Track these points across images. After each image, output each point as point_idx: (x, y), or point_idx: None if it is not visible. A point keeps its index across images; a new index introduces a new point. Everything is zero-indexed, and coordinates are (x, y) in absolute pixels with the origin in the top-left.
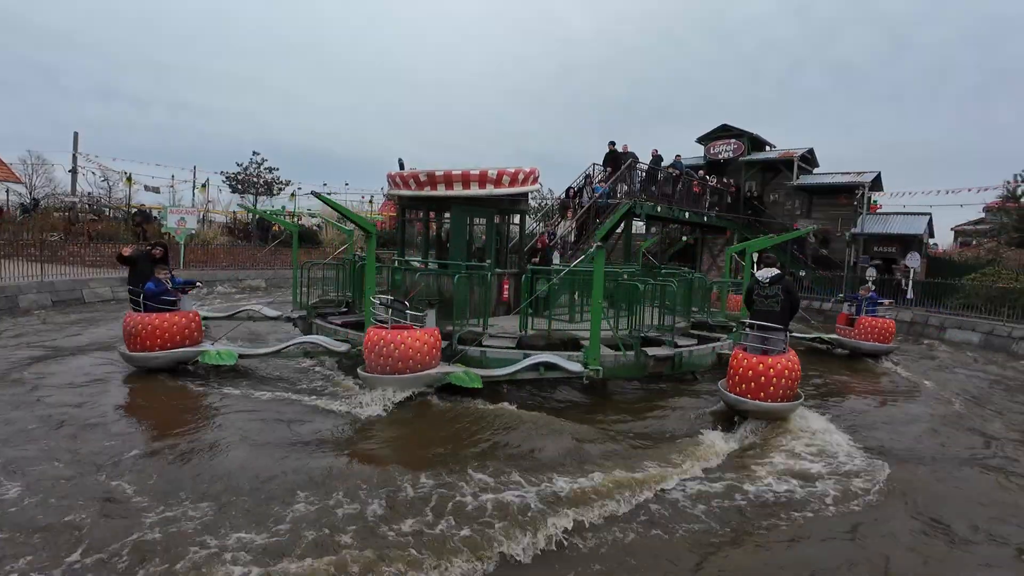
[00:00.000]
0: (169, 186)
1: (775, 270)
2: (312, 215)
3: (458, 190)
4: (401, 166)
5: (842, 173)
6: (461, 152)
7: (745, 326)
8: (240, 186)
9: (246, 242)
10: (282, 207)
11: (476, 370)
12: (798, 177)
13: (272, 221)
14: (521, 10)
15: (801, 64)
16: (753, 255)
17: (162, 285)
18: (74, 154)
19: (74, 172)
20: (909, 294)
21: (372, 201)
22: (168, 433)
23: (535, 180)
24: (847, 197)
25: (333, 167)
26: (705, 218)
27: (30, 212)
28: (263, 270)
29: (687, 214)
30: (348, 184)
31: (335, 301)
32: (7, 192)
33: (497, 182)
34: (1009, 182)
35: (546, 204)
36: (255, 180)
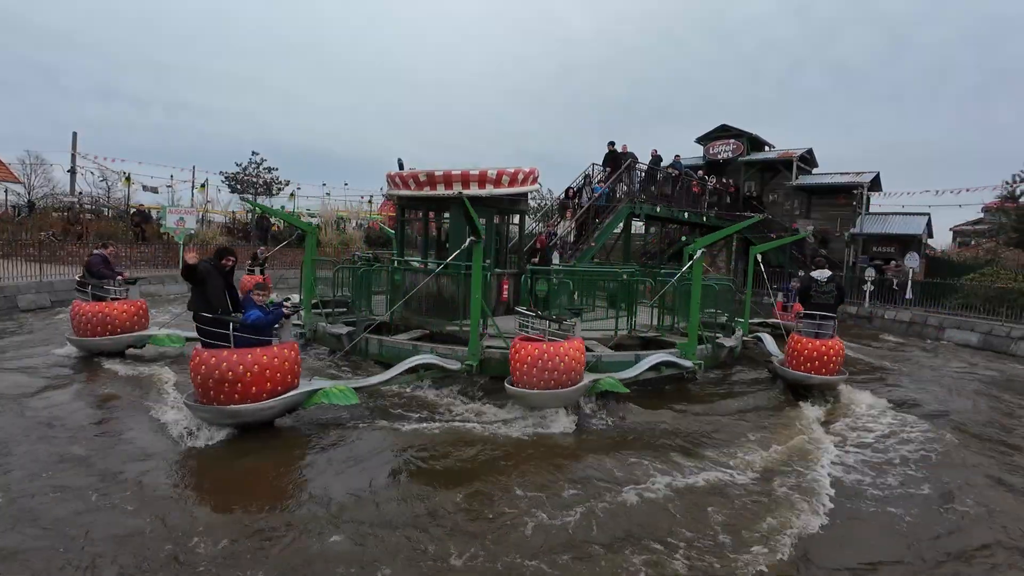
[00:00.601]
0: (168, 186)
1: (828, 271)
2: (311, 215)
3: (457, 190)
4: (400, 166)
5: (841, 173)
6: (461, 152)
7: (803, 317)
8: (239, 186)
9: (245, 242)
10: (281, 207)
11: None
12: (797, 177)
13: (283, 220)
14: (521, 10)
15: (801, 64)
16: (756, 256)
17: (271, 311)
18: (73, 154)
19: (73, 172)
20: (908, 294)
21: (371, 201)
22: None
23: (534, 180)
24: (846, 197)
25: (333, 167)
26: (704, 218)
27: (27, 214)
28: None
29: (686, 214)
30: (347, 184)
31: (334, 301)
32: (5, 192)
33: (496, 182)
34: (1008, 182)
35: (546, 204)
36: (254, 180)
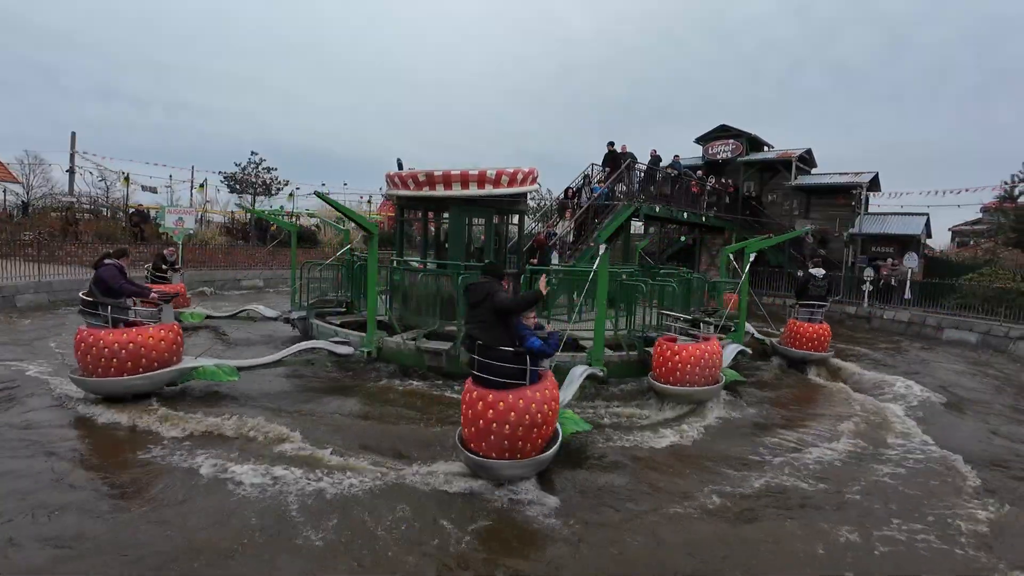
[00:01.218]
0: (167, 186)
1: (824, 270)
2: (311, 215)
3: (457, 190)
4: (400, 166)
5: (840, 173)
6: (461, 152)
7: (802, 305)
8: (238, 186)
9: (244, 242)
10: (280, 207)
11: None
12: (796, 177)
13: (270, 221)
14: (521, 10)
15: (801, 64)
16: (751, 255)
17: (553, 339)
18: (72, 154)
19: (71, 172)
20: (907, 294)
21: (371, 201)
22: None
23: (534, 180)
24: (845, 197)
25: (333, 167)
26: (703, 218)
27: (22, 215)
28: (261, 270)
29: (685, 214)
30: (347, 184)
31: (334, 301)
32: (4, 192)
33: (496, 182)
34: (1006, 182)
35: (545, 204)
36: (253, 180)
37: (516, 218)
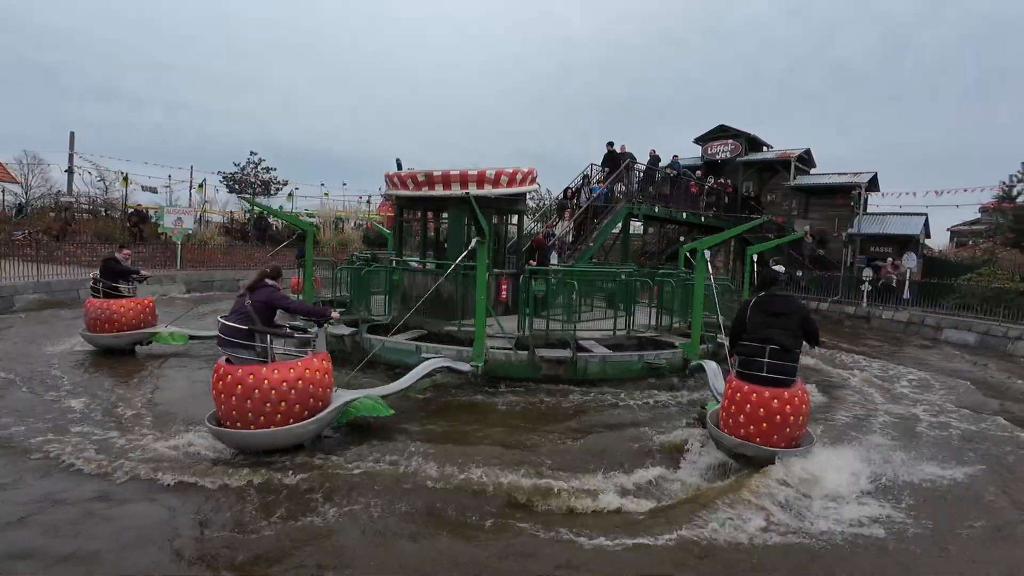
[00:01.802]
0: (166, 186)
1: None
2: (310, 215)
3: (456, 190)
4: (399, 166)
5: (839, 173)
6: (461, 152)
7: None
8: (237, 186)
9: (243, 242)
10: (279, 207)
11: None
12: (795, 177)
13: (280, 219)
14: (521, 10)
15: (801, 64)
16: (753, 256)
17: None
18: (71, 154)
19: (70, 172)
20: (906, 294)
21: (370, 201)
22: None
23: (533, 180)
24: (844, 197)
25: (333, 167)
26: (702, 219)
27: (18, 217)
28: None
29: (684, 215)
30: (346, 184)
31: (333, 302)
32: (3, 192)
33: (495, 182)
34: (1005, 182)
35: (544, 204)
36: (252, 180)
37: (515, 218)
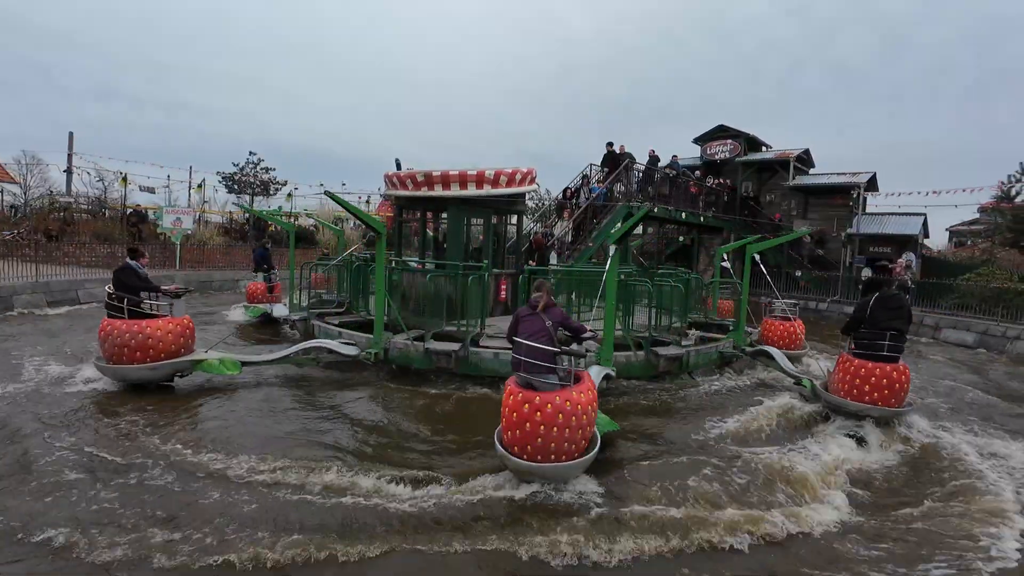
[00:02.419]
0: (165, 186)
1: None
2: (309, 215)
3: (455, 190)
4: (398, 166)
5: (838, 173)
6: (461, 152)
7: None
8: (236, 186)
9: (242, 242)
10: (279, 207)
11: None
12: (794, 177)
13: (268, 221)
14: (521, 10)
15: (800, 64)
16: (755, 255)
17: None
18: (70, 154)
19: (69, 172)
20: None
21: (369, 201)
22: None
23: (532, 180)
24: (843, 197)
25: (332, 167)
26: (701, 219)
27: (13, 219)
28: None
29: (683, 214)
30: (345, 184)
31: (332, 302)
32: (1, 192)
33: (494, 182)
34: (1003, 182)
35: (544, 204)
36: (251, 180)
37: (514, 218)
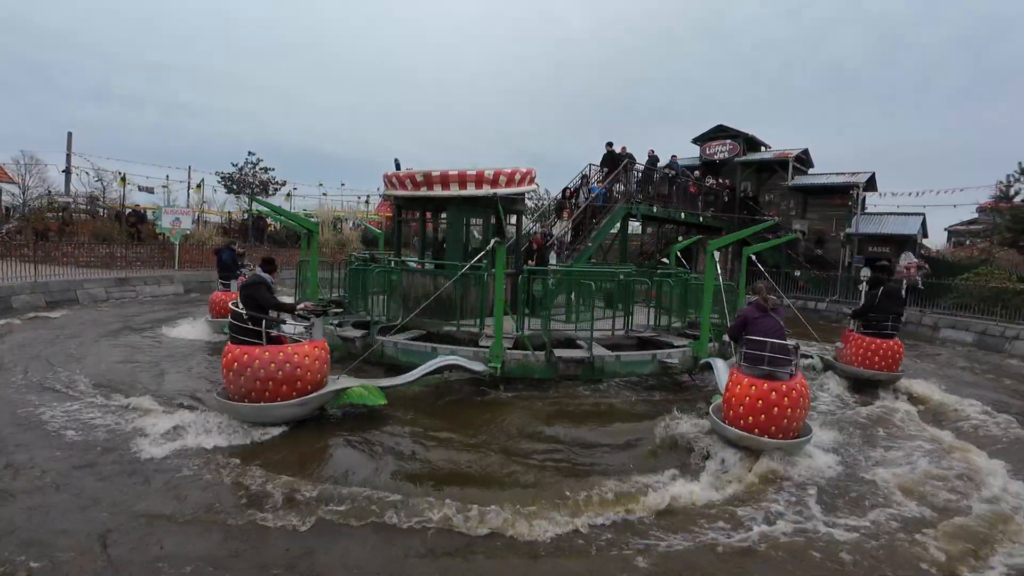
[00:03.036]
0: (164, 186)
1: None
2: (308, 215)
3: (454, 190)
4: (397, 166)
5: (836, 173)
6: (461, 152)
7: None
8: (235, 186)
9: (242, 242)
10: (277, 207)
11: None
12: (793, 177)
13: (291, 220)
14: (520, 10)
15: (800, 64)
16: (751, 256)
17: None
18: (68, 154)
19: (68, 172)
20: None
21: (368, 201)
22: None
23: (531, 180)
24: (842, 197)
25: (332, 167)
26: (701, 219)
27: (21, 213)
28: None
29: (683, 214)
30: (344, 184)
31: (332, 302)
32: None
33: (494, 182)
34: (1002, 182)
35: (543, 204)
36: (250, 180)
37: (514, 218)
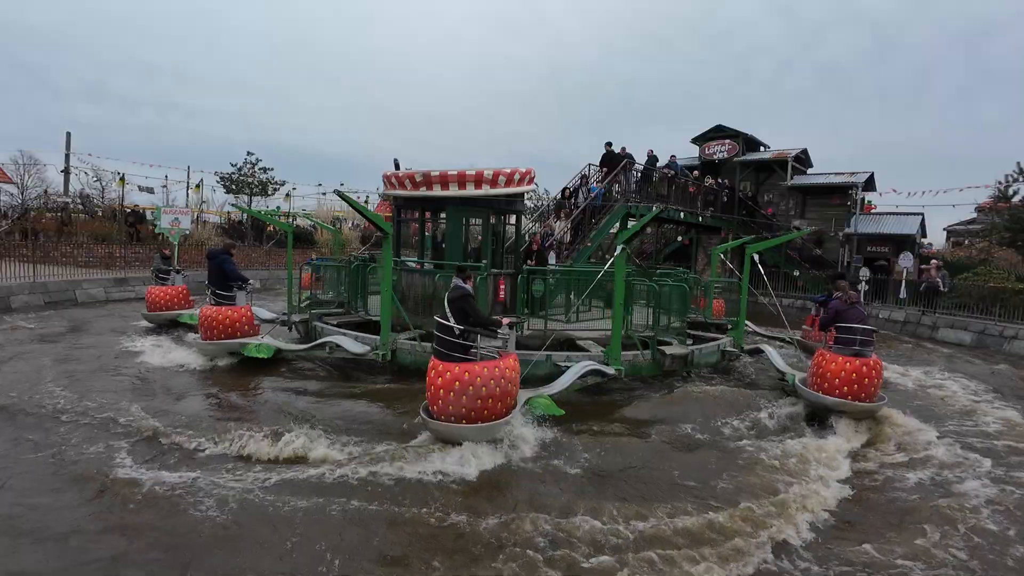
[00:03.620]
0: (162, 186)
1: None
2: (307, 216)
3: (454, 190)
4: (397, 166)
5: (835, 173)
6: (456, 153)
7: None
8: (234, 186)
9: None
10: (277, 207)
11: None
12: (792, 177)
13: (267, 222)
14: (514, 12)
15: (798, 65)
16: (754, 255)
17: None
18: (67, 154)
19: (66, 172)
20: (902, 294)
21: (367, 201)
22: None
23: (530, 180)
24: (840, 197)
25: (331, 167)
26: (700, 218)
27: (19, 213)
28: (258, 270)
29: (682, 214)
30: (343, 184)
31: (329, 302)
32: None
33: (493, 182)
34: (1001, 182)
35: (542, 204)
36: (249, 180)
37: (513, 218)
